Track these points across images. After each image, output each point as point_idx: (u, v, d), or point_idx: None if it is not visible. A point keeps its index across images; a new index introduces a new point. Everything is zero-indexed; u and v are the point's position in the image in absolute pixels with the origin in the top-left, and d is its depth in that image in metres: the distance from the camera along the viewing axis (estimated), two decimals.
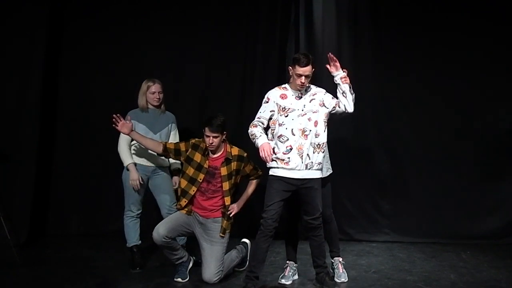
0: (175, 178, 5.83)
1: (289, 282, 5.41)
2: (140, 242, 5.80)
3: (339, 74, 5.06)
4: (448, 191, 6.95)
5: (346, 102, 5.07)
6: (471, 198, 6.94)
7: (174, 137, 5.88)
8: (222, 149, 5.36)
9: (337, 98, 5.10)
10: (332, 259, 5.56)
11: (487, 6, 6.87)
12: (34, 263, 5.96)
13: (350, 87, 5.07)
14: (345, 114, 5.12)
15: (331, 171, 5.47)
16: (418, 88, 7.01)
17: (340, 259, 5.55)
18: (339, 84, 5.08)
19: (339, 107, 5.09)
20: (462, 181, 6.94)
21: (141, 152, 5.70)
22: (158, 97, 5.76)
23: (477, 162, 6.94)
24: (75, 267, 5.79)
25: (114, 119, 5.44)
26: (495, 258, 6.27)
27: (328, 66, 5.10)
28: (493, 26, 6.88)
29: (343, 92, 5.06)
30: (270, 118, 5.09)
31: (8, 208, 6.40)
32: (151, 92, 5.75)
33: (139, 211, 5.79)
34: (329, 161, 5.49)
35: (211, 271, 5.27)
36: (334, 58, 5.05)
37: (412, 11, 6.95)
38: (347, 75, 5.11)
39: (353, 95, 5.10)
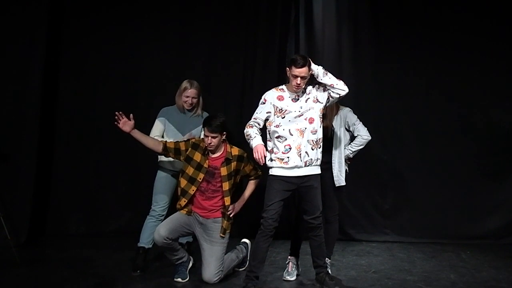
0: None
1: (293, 278, 5.45)
2: (150, 246, 5.68)
3: (318, 74, 5.03)
4: (448, 191, 6.96)
5: (338, 89, 5.04)
6: (471, 198, 6.95)
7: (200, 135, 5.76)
8: (222, 149, 5.36)
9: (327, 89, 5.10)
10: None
11: (487, 6, 6.88)
12: (34, 263, 5.95)
13: (330, 74, 5.04)
14: (342, 96, 5.10)
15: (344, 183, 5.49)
16: (418, 88, 7.02)
17: (328, 261, 5.53)
18: (322, 79, 5.02)
19: (332, 97, 5.08)
20: (462, 181, 6.95)
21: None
22: (191, 102, 5.69)
23: (477, 162, 6.95)
24: (75, 267, 5.78)
25: (116, 117, 5.40)
26: (495, 258, 6.27)
27: None
28: (493, 26, 6.89)
29: (331, 84, 5.03)
30: (267, 119, 5.09)
31: (8, 208, 6.41)
32: (185, 95, 5.69)
33: (162, 214, 5.69)
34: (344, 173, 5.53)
35: (211, 271, 5.27)
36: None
37: (412, 11, 6.96)
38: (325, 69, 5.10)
39: (338, 79, 5.07)
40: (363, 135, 5.49)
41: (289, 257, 5.58)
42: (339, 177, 5.44)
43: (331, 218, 5.50)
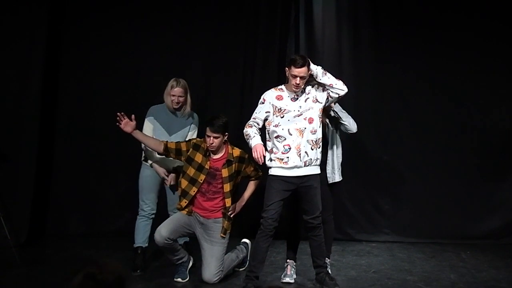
0: (171, 176, 5.72)
1: (292, 281, 5.44)
2: (146, 245, 5.71)
3: (317, 74, 5.03)
4: (448, 191, 6.95)
5: (337, 89, 5.03)
6: (471, 198, 6.95)
7: (191, 137, 5.71)
8: (224, 150, 5.34)
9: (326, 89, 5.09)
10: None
11: (487, 6, 6.88)
12: (34, 263, 5.95)
13: (329, 74, 5.04)
14: (341, 96, 5.10)
15: (341, 178, 5.50)
16: (418, 88, 7.01)
17: (328, 261, 5.52)
18: (321, 79, 5.02)
19: (331, 96, 5.08)
20: (462, 181, 6.95)
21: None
22: (177, 101, 5.62)
23: (478, 162, 6.95)
24: (75, 267, 5.77)
25: (117, 117, 5.40)
26: (495, 258, 6.27)
27: None
28: (493, 26, 6.88)
29: (330, 84, 5.03)
30: (266, 119, 5.08)
31: (8, 208, 6.39)
32: (172, 94, 5.62)
33: (152, 212, 5.71)
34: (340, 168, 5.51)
35: (211, 271, 5.27)
36: None
37: (412, 11, 6.95)
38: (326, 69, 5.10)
39: (337, 78, 5.06)
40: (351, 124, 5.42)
41: (287, 260, 5.54)
42: (332, 174, 5.42)
43: (327, 218, 5.46)
